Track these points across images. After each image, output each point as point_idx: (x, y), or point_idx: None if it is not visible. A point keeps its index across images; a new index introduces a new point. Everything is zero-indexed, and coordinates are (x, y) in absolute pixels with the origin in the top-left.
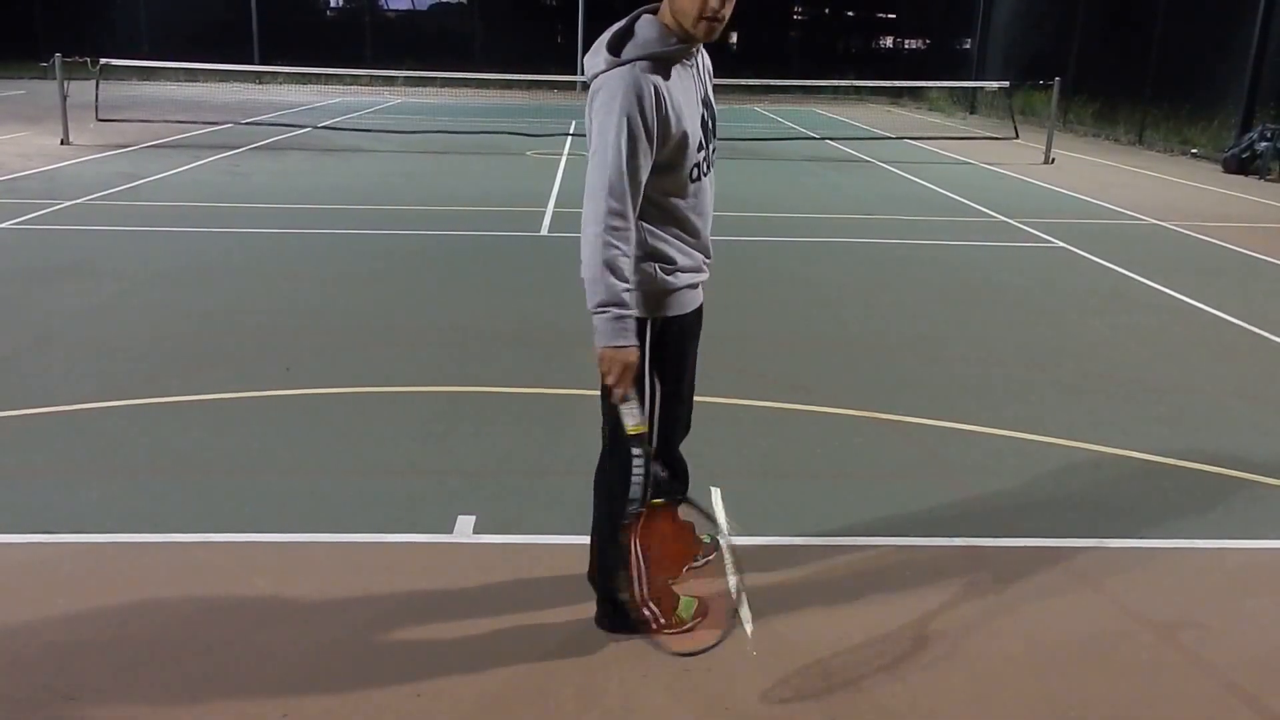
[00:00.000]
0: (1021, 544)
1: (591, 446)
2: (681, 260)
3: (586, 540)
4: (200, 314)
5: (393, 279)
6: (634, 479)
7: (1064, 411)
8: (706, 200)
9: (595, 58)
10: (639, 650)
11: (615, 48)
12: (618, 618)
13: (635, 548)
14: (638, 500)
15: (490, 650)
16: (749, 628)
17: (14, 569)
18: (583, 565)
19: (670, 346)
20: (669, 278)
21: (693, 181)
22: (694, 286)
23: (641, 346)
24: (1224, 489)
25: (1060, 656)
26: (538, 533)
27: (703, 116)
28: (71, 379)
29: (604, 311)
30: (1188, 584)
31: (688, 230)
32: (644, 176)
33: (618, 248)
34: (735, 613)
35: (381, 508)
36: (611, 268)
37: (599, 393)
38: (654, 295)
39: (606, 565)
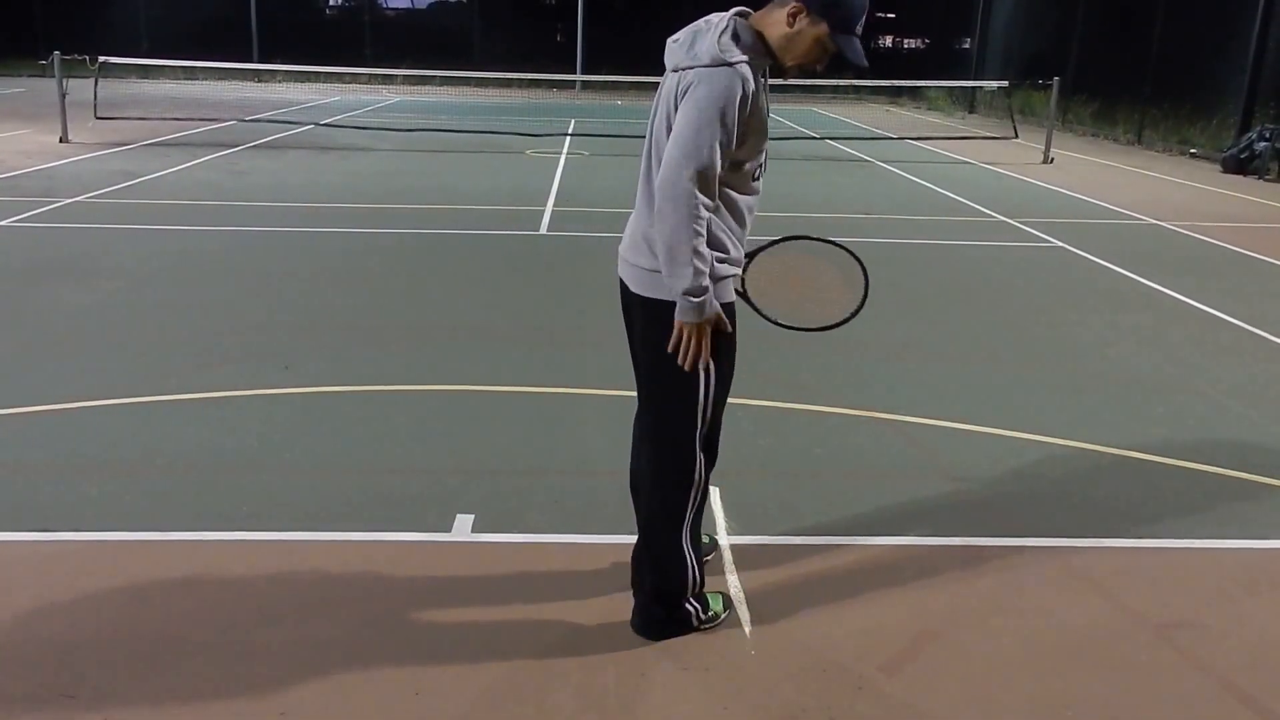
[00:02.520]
0: (1020, 543)
1: (590, 445)
2: (733, 252)
3: (585, 539)
4: (199, 312)
5: (391, 277)
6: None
7: (1062, 411)
8: (756, 201)
9: (693, 49)
10: (637, 649)
11: (723, 47)
12: (666, 617)
13: (687, 542)
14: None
15: (489, 649)
16: (748, 628)
17: (13, 566)
18: (582, 564)
19: (723, 331)
20: (720, 266)
21: (753, 180)
22: (734, 279)
23: None
24: (1223, 489)
25: (1058, 656)
26: (536, 532)
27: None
28: (70, 377)
29: (695, 296)
30: (1186, 584)
31: (741, 225)
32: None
33: (701, 234)
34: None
35: (380, 506)
36: (698, 253)
37: (640, 389)
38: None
39: (662, 561)
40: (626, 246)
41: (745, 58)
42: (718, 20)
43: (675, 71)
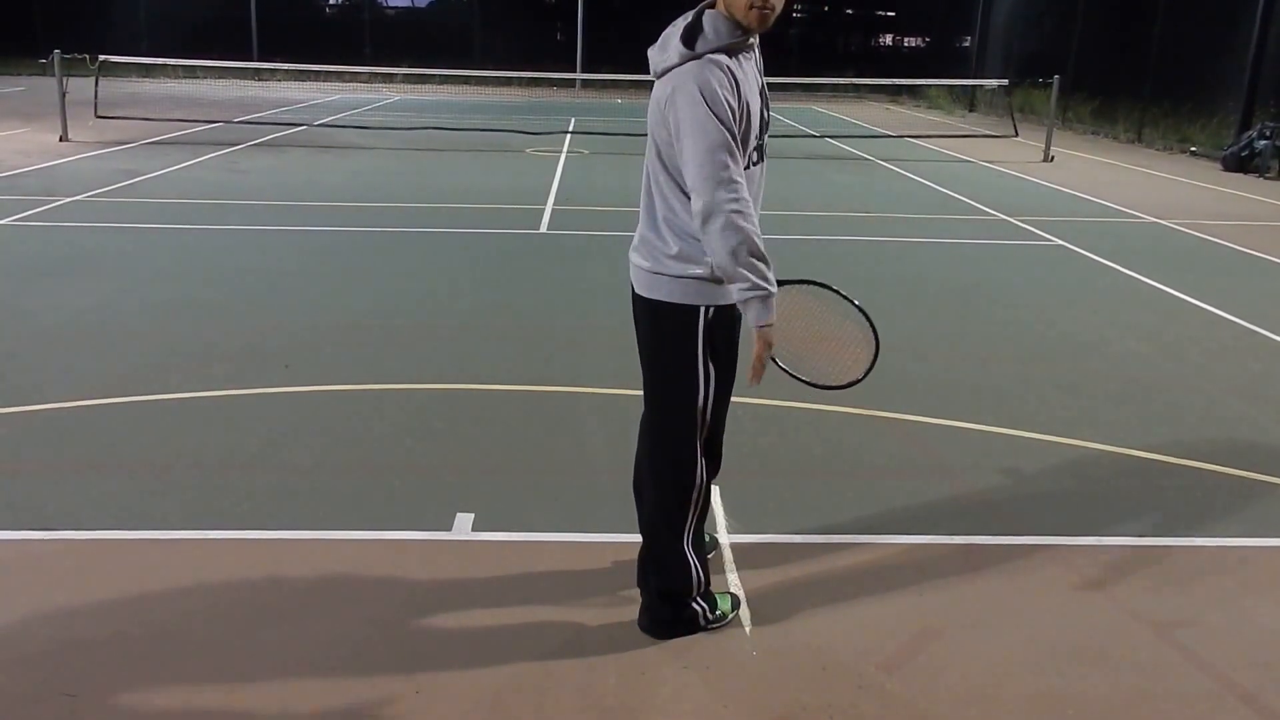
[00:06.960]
0: (1020, 542)
1: (590, 445)
2: None
3: (585, 538)
4: (198, 311)
5: (391, 276)
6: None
7: (1062, 410)
8: (756, 188)
9: (665, 53)
10: (638, 648)
11: (689, 42)
12: (673, 617)
13: (689, 544)
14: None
15: (489, 648)
16: (748, 627)
17: (13, 565)
18: (582, 563)
19: (721, 335)
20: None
21: (749, 166)
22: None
23: (694, 335)
24: (1223, 488)
25: (1059, 655)
26: (536, 530)
27: (762, 105)
28: (69, 376)
29: (761, 291)
30: (1186, 582)
31: None
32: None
33: (751, 227)
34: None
35: (380, 505)
36: (754, 251)
37: (641, 391)
38: (708, 283)
39: (664, 563)
40: (632, 247)
41: (712, 47)
42: (683, 17)
43: (658, 78)
